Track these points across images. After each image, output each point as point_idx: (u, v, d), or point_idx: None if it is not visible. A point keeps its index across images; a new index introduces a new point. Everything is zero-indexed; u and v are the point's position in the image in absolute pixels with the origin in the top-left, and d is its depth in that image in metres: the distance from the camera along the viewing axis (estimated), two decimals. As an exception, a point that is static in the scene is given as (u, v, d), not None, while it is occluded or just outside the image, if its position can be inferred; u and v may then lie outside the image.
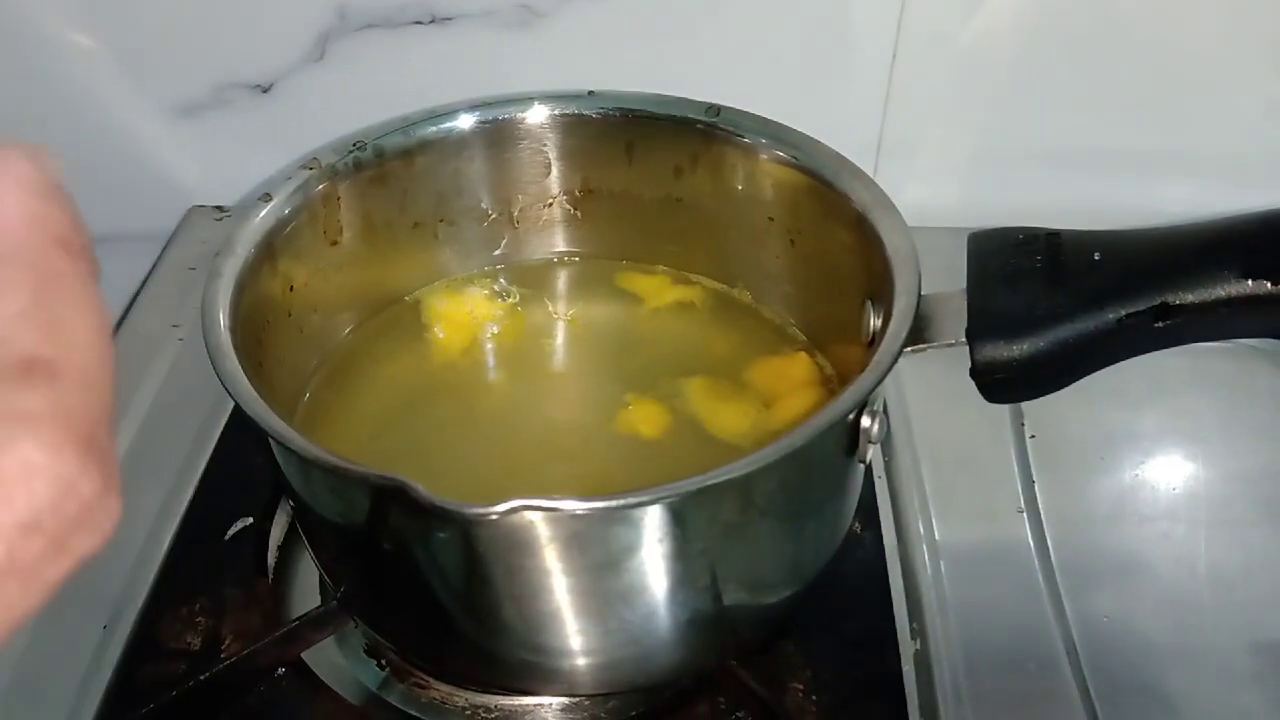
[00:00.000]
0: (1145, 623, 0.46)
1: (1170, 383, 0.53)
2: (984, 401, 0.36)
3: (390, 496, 0.29)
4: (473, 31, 0.55)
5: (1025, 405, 0.50)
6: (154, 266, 0.60)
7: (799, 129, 0.43)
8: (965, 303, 0.35)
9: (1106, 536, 0.48)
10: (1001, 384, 0.34)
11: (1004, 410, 0.50)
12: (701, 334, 0.47)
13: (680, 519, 0.32)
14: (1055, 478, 0.48)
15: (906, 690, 0.39)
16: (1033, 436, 0.49)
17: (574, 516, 0.30)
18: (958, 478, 0.47)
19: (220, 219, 0.62)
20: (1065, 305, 0.33)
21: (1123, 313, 0.33)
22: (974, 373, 0.34)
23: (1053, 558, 0.45)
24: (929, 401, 0.49)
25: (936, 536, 0.45)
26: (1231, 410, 0.52)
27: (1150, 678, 0.44)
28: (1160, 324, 0.33)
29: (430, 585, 0.34)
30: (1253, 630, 0.44)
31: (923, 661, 0.40)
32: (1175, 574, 0.48)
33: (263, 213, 0.40)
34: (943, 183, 0.59)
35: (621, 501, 0.31)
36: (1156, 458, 0.51)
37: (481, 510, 0.28)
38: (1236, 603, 0.45)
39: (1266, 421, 0.52)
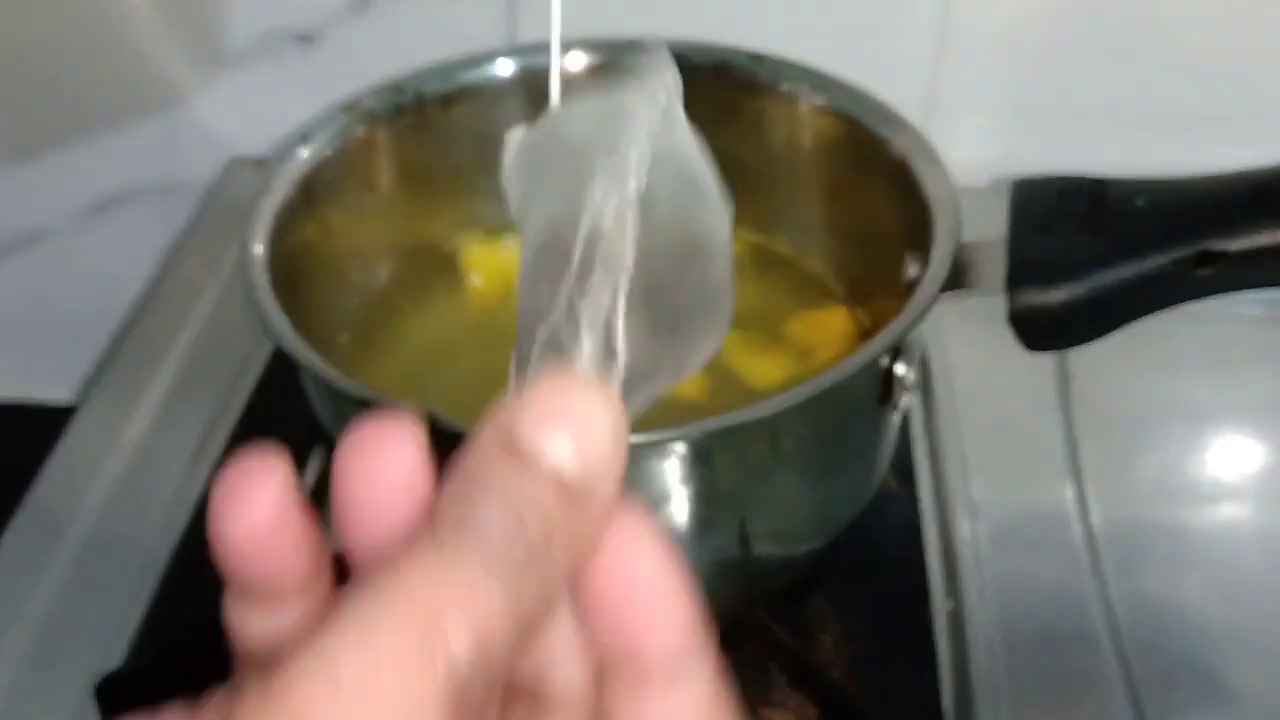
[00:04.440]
0: (1187, 597, 0.44)
1: (1226, 353, 0.51)
2: (1028, 364, 0.36)
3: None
4: (516, -18, 0.55)
5: (1072, 369, 0.49)
6: (195, 217, 0.60)
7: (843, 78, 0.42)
8: (1005, 250, 0.34)
9: (1151, 507, 0.47)
10: (1039, 332, 0.33)
11: (1049, 373, 0.49)
12: (740, 288, 0.46)
13: (709, 458, 0.32)
14: (1101, 445, 0.47)
15: (938, 646, 0.39)
16: (1079, 403, 0.48)
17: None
18: (998, 439, 0.46)
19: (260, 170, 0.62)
20: (1106, 251, 0.33)
21: (1164, 259, 0.32)
22: (1012, 319, 0.34)
23: (1094, 524, 0.44)
24: (972, 362, 0.48)
25: (975, 496, 0.44)
26: (1289, 383, 0.51)
27: (1193, 654, 0.42)
28: (1202, 271, 0.32)
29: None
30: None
31: (956, 619, 0.40)
32: (1224, 550, 0.47)
33: (301, 154, 0.40)
34: (993, 141, 0.57)
35: (652, 437, 0.30)
36: (1209, 429, 0.50)
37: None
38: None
39: (1325, 395, 0.50)
